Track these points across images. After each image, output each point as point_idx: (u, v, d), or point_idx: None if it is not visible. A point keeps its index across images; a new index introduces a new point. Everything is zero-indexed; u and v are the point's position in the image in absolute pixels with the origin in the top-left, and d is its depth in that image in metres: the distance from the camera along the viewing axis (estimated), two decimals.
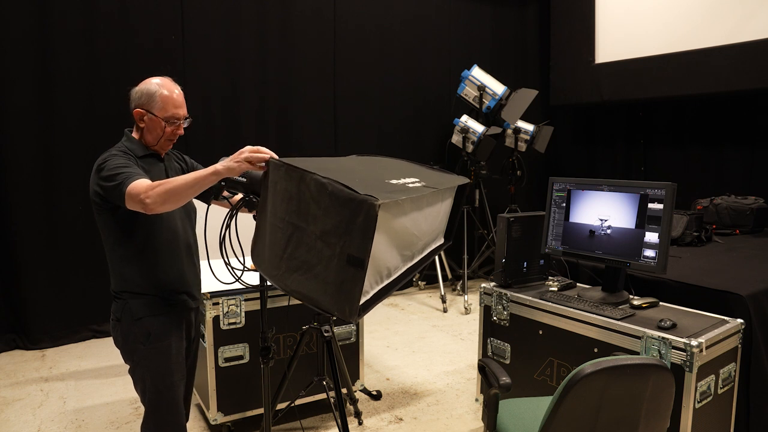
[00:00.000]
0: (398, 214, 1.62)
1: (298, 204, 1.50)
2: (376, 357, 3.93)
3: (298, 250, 1.51)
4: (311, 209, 1.48)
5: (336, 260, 1.43)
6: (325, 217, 1.45)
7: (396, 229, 1.64)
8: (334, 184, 1.42)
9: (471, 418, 3.04)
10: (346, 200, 1.40)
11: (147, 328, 1.92)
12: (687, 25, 4.89)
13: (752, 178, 4.77)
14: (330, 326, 2.52)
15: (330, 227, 1.44)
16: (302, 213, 1.50)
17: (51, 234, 4.11)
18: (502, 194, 5.84)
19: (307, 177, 1.47)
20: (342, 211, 1.41)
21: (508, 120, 5.31)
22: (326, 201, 1.44)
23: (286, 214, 1.53)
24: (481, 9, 6.11)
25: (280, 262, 1.55)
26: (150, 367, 1.95)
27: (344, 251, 1.42)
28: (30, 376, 3.60)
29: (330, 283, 1.46)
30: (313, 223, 1.48)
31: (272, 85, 4.91)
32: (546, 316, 2.43)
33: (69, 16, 4.05)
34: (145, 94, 1.99)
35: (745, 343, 2.28)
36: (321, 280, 1.47)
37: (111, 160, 1.86)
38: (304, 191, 1.49)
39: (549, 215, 2.61)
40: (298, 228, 1.51)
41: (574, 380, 1.51)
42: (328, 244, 1.45)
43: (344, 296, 1.44)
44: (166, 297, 1.96)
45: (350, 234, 1.41)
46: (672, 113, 5.45)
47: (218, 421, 2.70)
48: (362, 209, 1.38)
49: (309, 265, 1.49)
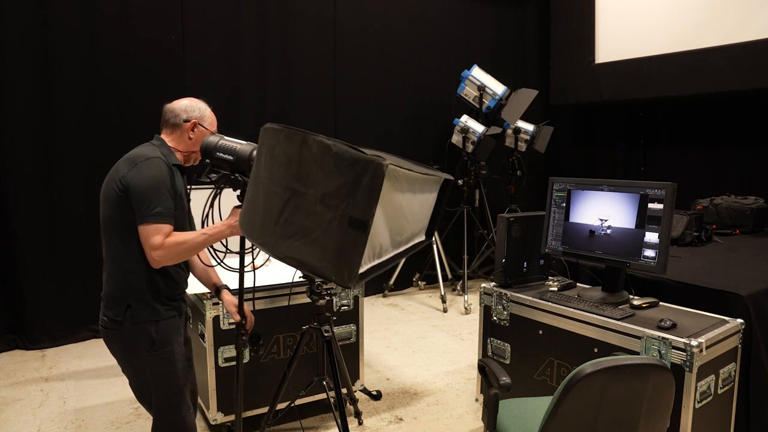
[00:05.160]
0: (397, 188, 1.60)
1: (299, 168, 1.48)
2: (376, 357, 3.93)
3: (296, 215, 1.48)
4: (312, 172, 1.45)
5: (337, 223, 1.41)
6: (328, 179, 1.42)
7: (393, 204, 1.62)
8: (338, 145, 1.41)
9: (471, 418, 3.04)
10: (353, 161, 1.39)
11: (151, 335, 1.91)
12: (687, 25, 4.89)
13: (752, 178, 4.77)
14: (330, 326, 2.52)
15: (332, 189, 1.42)
16: (302, 176, 1.48)
17: (51, 234, 4.11)
18: (502, 194, 5.84)
19: (310, 139, 1.45)
20: (347, 172, 1.39)
21: (508, 120, 5.31)
22: (330, 163, 1.42)
23: (284, 179, 1.51)
24: (481, 9, 6.11)
25: (274, 228, 1.53)
26: (156, 373, 1.94)
27: (346, 214, 1.39)
28: (30, 376, 3.60)
29: (329, 248, 1.43)
30: (314, 186, 1.45)
31: (272, 85, 4.91)
32: (546, 316, 2.43)
33: (69, 17, 4.05)
34: (197, 108, 2.04)
35: (745, 343, 2.28)
36: (319, 245, 1.45)
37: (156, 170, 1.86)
38: (305, 154, 1.46)
39: (549, 215, 2.61)
40: (296, 192, 1.48)
41: (574, 380, 1.51)
42: (328, 207, 1.42)
43: (343, 260, 1.42)
44: (168, 302, 1.97)
45: (354, 195, 1.39)
46: (672, 113, 5.45)
47: (218, 421, 2.70)
48: (369, 169, 1.36)
49: (307, 230, 1.47)
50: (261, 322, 2.75)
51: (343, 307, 2.99)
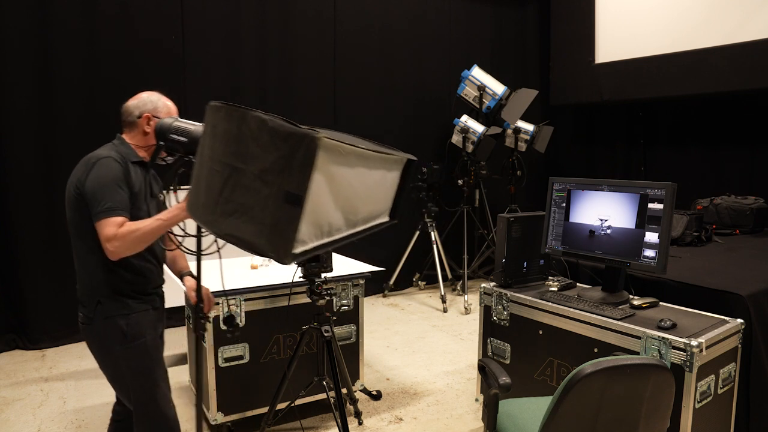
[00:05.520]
0: (342, 163, 1.57)
1: (238, 144, 1.47)
2: (376, 357, 3.93)
3: (235, 193, 1.47)
4: (251, 148, 1.44)
5: (273, 199, 1.40)
6: (265, 154, 1.42)
7: (339, 181, 1.58)
8: (274, 120, 1.41)
9: (471, 418, 3.04)
10: (287, 135, 1.38)
11: (122, 328, 1.94)
12: (687, 25, 4.89)
13: (752, 178, 4.77)
14: (330, 326, 2.52)
15: (269, 165, 1.41)
16: (241, 153, 1.46)
17: (51, 234, 4.11)
18: (502, 194, 5.84)
19: (248, 115, 1.44)
20: (282, 147, 1.39)
21: (508, 120, 5.31)
22: (266, 137, 1.41)
23: (225, 156, 1.50)
24: (481, 9, 6.11)
25: (215, 207, 1.52)
26: (130, 366, 1.97)
27: (282, 189, 1.39)
28: (30, 376, 3.60)
29: (266, 224, 1.42)
30: (253, 162, 1.44)
31: (272, 85, 4.91)
32: (546, 316, 2.43)
33: (69, 17, 4.05)
34: (149, 101, 2.06)
35: (745, 343, 2.28)
36: (257, 221, 1.44)
37: (106, 170, 1.91)
38: (244, 130, 1.45)
39: (549, 215, 2.61)
40: (236, 169, 1.47)
41: (574, 380, 1.51)
42: (266, 183, 1.41)
43: (279, 236, 1.41)
44: (138, 296, 1.99)
45: (289, 170, 1.38)
46: (672, 113, 5.45)
47: (218, 421, 2.70)
48: (303, 143, 1.36)
49: (246, 207, 1.46)
50: (261, 322, 2.76)
51: (343, 307, 2.99)
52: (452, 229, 5.61)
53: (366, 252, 4.90)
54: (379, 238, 5.48)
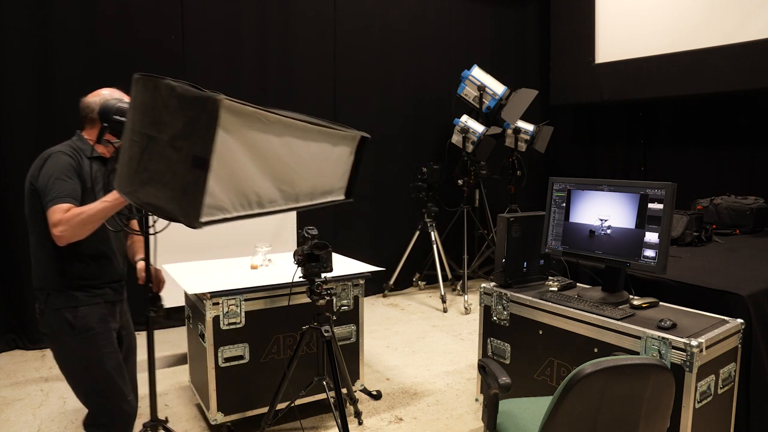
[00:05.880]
0: (263, 130, 1.60)
1: (153, 113, 1.50)
2: (376, 357, 3.93)
3: (151, 162, 1.50)
4: (163, 116, 1.47)
5: (182, 164, 1.43)
6: (174, 120, 1.45)
7: (261, 149, 1.61)
8: (183, 85, 1.45)
9: (471, 418, 3.04)
10: (192, 99, 1.42)
11: (69, 320, 1.97)
12: (687, 25, 4.89)
13: (752, 178, 4.77)
14: (330, 326, 2.52)
15: (178, 131, 1.44)
16: (155, 122, 1.50)
17: None
18: (502, 194, 5.84)
19: (160, 83, 1.48)
20: (188, 111, 1.43)
21: (508, 120, 5.31)
22: (175, 103, 1.45)
23: (142, 126, 1.53)
24: (481, 9, 6.11)
25: (134, 177, 1.55)
26: (81, 358, 2.00)
27: (190, 153, 1.42)
28: (30, 376, 3.60)
29: (177, 189, 1.45)
30: (165, 129, 1.47)
31: (272, 84, 4.91)
32: (546, 316, 2.43)
33: (69, 17, 4.05)
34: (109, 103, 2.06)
35: (745, 343, 2.28)
36: (170, 187, 1.47)
37: (56, 163, 1.95)
38: (157, 99, 1.49)
39: (549, 215, 2.61)
40: (151, 138, 1.50)
41: (574, 380, 1.51)
42: (176, 149, 1.45)
43: (188, 200, 1.44)
44: (88, 290, 2.01)
45: (196, 134, 1.42)
46: (672, 113, 5.45)
47: (218, 421, 2.70)
48: (206, 105, 1.40)
49: (159, 174, 1.49)
50: (261, 322, 2.76)
51: (343, 307, 2.99)
52: (452, 229, 5.61)
53: (366, 252, 4.91)
54: (380, 238, 5.53)
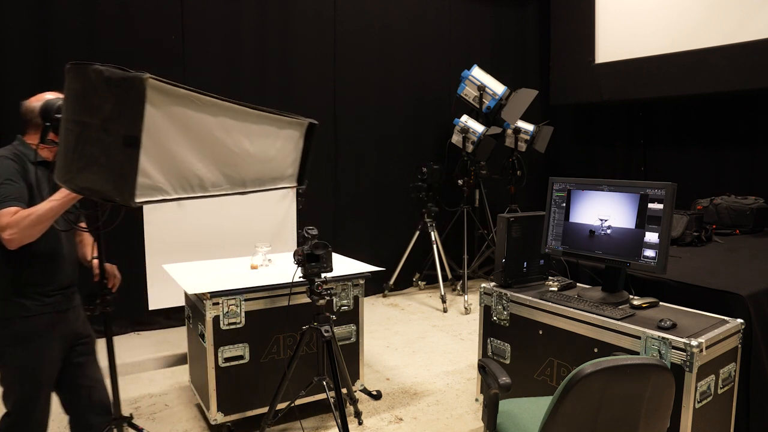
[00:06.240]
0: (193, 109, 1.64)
1: (84, 100, 1.54)
2: (376, 357, 3.93)
3: (86, 147, 1.54)
4: (94, 101, 1.51)
5: (115, 146, 1.48)
6: (104, 103, 1.49)
7: (195, 129, 1.66)
8: (110, 69, 1.48)
9: (471, 418, 3.04)
10: (119, 80, 1.47)
11: (15, 330, 1.94)
12: (687, 25, 4.89)
13: (752, 178, 4.77)
14: (330, 326, 2.52)
15: (108, 113, 1.49)
16: (87, 108, 1.53)
17: None
18: (502, 194, 5.84)
19: (90, 70, 1.51)
20: (117, 93, 1.47)
21: (508, 120, 5.31)
22: (104, 87, 1.49)
23: (75, 114, 1.57)
24: (481, 9, 6.11)
25: (71, 164, 1.59)
26: (19, 367, 1.97)
27: (120, 134, 1.48)
28: None
29: (112, 170, 1.50)
30: (96, 114, 1.51)
31: (272, 84, 4.91)
32: (546, 316, 2.43)
33: (69, 17, 4.05)
34: (50, 102, 2.04)
35: (745, 343, 2.28)
36: (105, 169, 1.51)
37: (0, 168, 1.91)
38: (87, 85, 1.52)
39: (549, 215, 2.61)
40: (85, 125, 1.54)
41: (574, 380, 1.51)
42: (108, 131, 1.50)
43: (122, 179, 1.49)
44: (38, 298, 1.98)
45: (125, 114, 1.47)
46: (672, 113, 5.45)
47: (218, 421, 2.70)
48: (133, 85, 1.45)
49: (94, 158, 1.53)
50: (261, 322, 2.76)
51: (343, 307, 2.99)
52: (452, 229, 5.61)
53: (366, 252, 4.90)
54: (380, 238, 5.52)
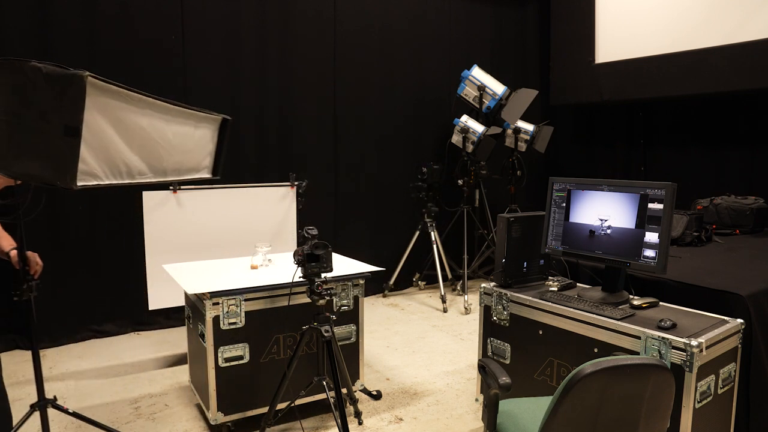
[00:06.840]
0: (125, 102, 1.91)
1: (20, 93, 1.72)
2: (376, 357, 3.93)
3: (23, 136, 1.73)
4: (31, 95, 1.70)
5: (54, 134, 1.68)
6: (43, 97, 1.69)
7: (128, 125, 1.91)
8: (48, 66, 1.68)
9: (471, 418, 3.04)
10: (59, 77, 1.67)
11: None
12: (687, 25, 4.89)
13: (752, 178, 4.77)
14: (330, 326, 2.52)
15: (48, 106, 1.69)
16: (23, 101, 1.72)
17: (52, 234, 4.10)
18: (502, 194, 5.84)
19: (25, 66, 1.70)
20: (56, 87, 1.67)
21: (508, 120, 5.31)
22: (42, 82, 1.68)
23: (9, 106, 1.75)
24: (481, 9, 6.11)
25: (7, 153, 1.77)
26: None
27: (61, 124, 1.66)
28: (30, 376, 3.59)
29: (52, 156, 1.70)
30: (33, 107, 1.71)
31: (272, 84, 4.91)
32: (546, 316, 2.43)
33: (69, 16, 4.05)
34: None
35: (745, 343, 2.28)
36: (44, 156, 1.71)
37: None
38: (23, 80, 1.71)
39: (549, 215, 2.61)
40: (21, 116, 1.73)
41: (574, 380, 1.51)
42: (47, 122, 1.69)
43: (64, 165, 1.69)
44: None
45: (65, 106, 1.67)
46: (672, 113, 5.45)
47: (218, 421, 2.70)
48: (73, 81, 1.66)
49: (32, 146, 1.72)
50: (261, 322, 2.76)
51: (343, 307, 2.99)
52: (452, 229, 5.61)
53: (366, 252, 4.91)
54: (380, 238, 5.53)
